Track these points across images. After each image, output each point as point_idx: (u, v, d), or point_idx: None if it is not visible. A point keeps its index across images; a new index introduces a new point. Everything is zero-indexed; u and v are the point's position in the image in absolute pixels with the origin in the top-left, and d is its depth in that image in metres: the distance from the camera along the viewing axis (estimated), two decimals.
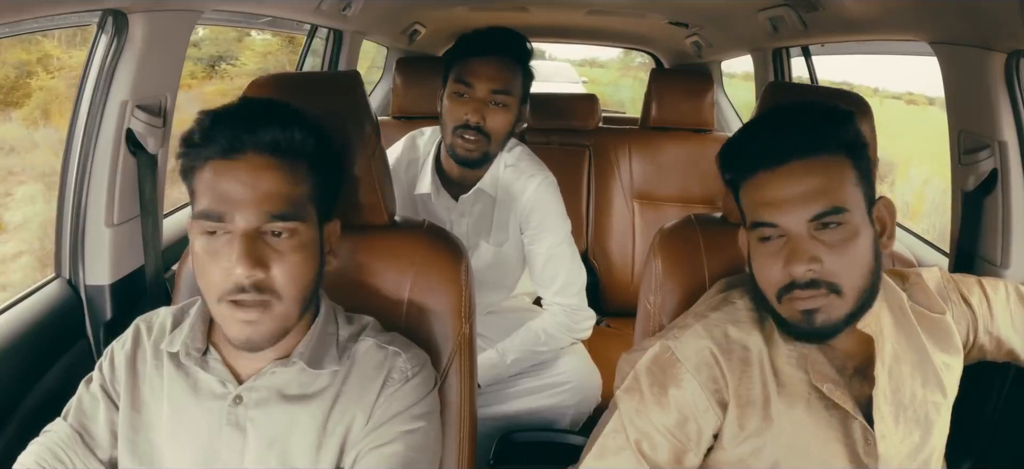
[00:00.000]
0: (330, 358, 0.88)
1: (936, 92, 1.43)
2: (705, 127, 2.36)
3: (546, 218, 1.56)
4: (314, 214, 0.85)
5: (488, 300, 1.67)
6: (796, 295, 0.83)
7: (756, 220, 0.86)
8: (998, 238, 1.29)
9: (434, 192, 1.57)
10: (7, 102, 4.25)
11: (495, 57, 1.46)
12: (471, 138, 1.46)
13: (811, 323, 0.84)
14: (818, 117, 0.85)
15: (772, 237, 0.85)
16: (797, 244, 0.83)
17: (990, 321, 0.99)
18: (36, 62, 4.30)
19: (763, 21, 2.06)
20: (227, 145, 0.79)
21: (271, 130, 0.80)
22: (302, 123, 0.83)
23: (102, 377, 0.91)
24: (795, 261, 0.82)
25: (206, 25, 2.12)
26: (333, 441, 0.85)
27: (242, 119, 0.80)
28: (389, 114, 2.43)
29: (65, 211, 1.33)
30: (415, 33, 3.01)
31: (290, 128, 0.81)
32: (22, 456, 0.86)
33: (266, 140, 0.79)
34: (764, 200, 0.85)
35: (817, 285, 0.82)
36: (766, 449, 0.87)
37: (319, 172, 0.85)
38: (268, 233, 0.79)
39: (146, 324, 0.94)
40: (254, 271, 0.78)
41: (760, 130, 0.89)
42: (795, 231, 0.83)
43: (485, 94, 1.45)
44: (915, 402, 0.90)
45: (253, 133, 0.79)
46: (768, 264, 0.85)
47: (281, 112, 0.82)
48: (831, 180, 0.83)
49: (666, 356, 0.90)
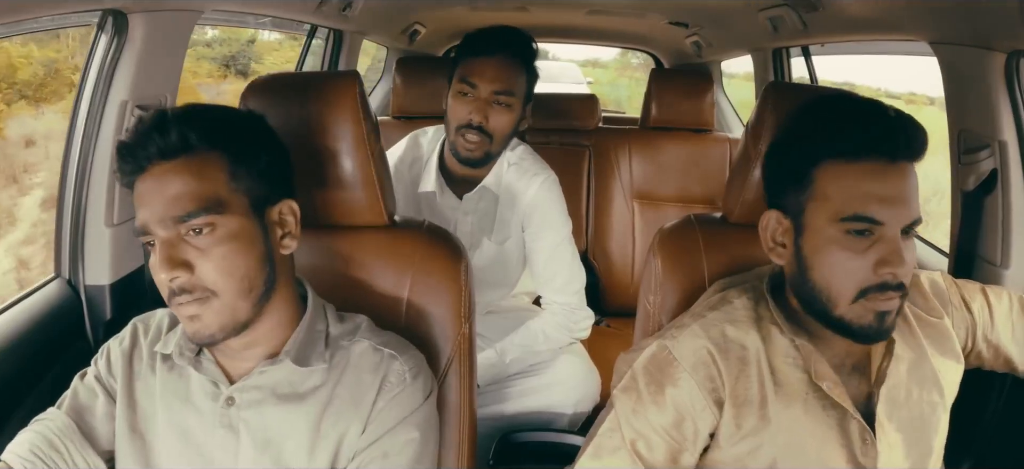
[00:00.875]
0: (317, 355, 0.88)
1: (936, 92, 1.43)
2: (705, 127, 2.36)
3: (548, 217, 1.56)
4: (243, 202, 0.82)
5: (488, 298, 1.67)
6: (880, 296, 0.80)
7: (857, 212, 0.79)
8: (998, 238, 1.29)
9: (438, 190, 1.57)
10: (37, 98, 4.33)
11: (499, 57, 1.46)
12: (473, 138, 1.46)
13: (883, 324, 0.82)
14: (918, 125, 0.82)
15: (868, 233, 0.80)
16: (895, 246, 0.80)
17: (990, 328, 0.98)
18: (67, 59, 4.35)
19: (763, 21, 2.06)
20: (133, 166, 0.80)
21: (157, 137, 0.79)
22: (198, 118, 0.82)
23: (98, 371, 0.91)
24: (896, 264, 0.79)
25: (206, 25, 2.12)
26: (327, 444, 0.85)
27: (137, 137, 0.80)
28: (389, 114, 2.43)
29: (65, 211, 1.33)
30: (415, 33, 3.01)
31: (179, 127, 0.80)
32: (13, 444, 0.85)
33: (158, 148, 0.79)
34: (876, 193, 0.79)
35: (903, 288, 0.81)
36: (763, 448, 0.87)
37: (239, 159, 0.83)
38: (188, 234, 0.79)
39: (143, 324, 0.94)
40: (175, 274, 0.78)
41: (876, 116, 0.81)
42: (893, 234, 0.80)
43: (488, 94, 1.45)
44: (910, 401, 0.90)
45: (145, 147, 0.79)
46: (856, 261, 0.80)
47: (175, 115, 0.81)
48: (917, 188, 0.82)
49: (663, 355, 0.89)
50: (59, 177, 1.33)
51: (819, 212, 0.83)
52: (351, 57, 2.68)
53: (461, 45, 1.51)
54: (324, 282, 0.99)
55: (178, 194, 0.78)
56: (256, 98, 1.02)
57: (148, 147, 0.79)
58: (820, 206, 0.82)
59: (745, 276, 1.00)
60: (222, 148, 0.82)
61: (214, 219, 0.80)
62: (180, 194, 0.78)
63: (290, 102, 1.01)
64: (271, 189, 0.86)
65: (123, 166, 0.81)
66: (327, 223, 1.06)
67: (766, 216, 0.90)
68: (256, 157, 0.85)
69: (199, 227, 0.79)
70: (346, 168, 1.02)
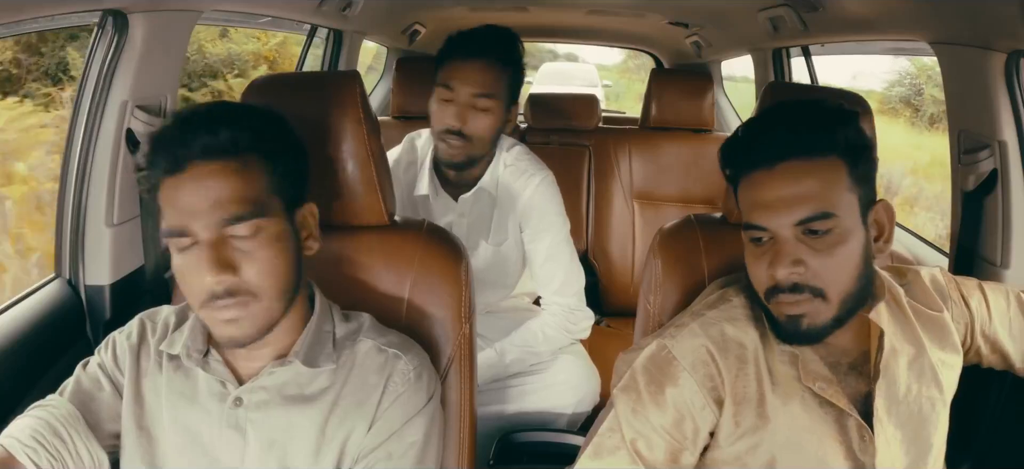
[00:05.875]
0: (326, 356, 0.88)
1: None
2: (705, 127, 2.35)
3: (545, 217, 1.56)
4: (279, 205, 0.83)
5: (487, 299, 1.67)
6: (781, 299, 0.84)
7: (747, 221, 0.87)
8: (998, 238, 1.29)
9: (433, 193, 1.57)
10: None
11: (478, 60, 1.44)
12: (454, 142, 1.45)
13: (797, 327, 0.85)
14: (817, 117, 0.85)
15: (762, 239, 0.86)
16: (781, 247, 0.83)
17: (988, 324, 0.99)
18: None
19: (763, 21, 2.06)
20: (171, 163, 0.78)
21: (205, 136, 0.78)
22: (244, 118, 0.82)
23: (102, 361, 0.90)
24: (778, 264, 0.83)
25: (206, 25, 2.12)
26: (333, 445, 0.85)
27: (179, 133, 0.79)
28: (389, 114, 2.43)
29: (65, 211, 1.33)
30: (415, 33, 3.01)
31: (229, 127, 0.79)
32: (12, 429, 0.83)
33: (205, 147, 0.78)
34: (756, 201, 0.85)
35: (800, 290, 0.83)
36: (762, 446, 0.87)
37: (276, 161, 0.83)
38: (232, 236, 0.79)
39: (150, 320, 0.93)
40: (223, 277, 0.78)
41: (759, 128, 0.89)
42: (781, 234, 0.83)
43: (466, 98, 1.43)
44: (909, 397, 0.90)
45: (188, 145, 0.78)
46: (756, 265, 0.87)
47: (220, 113, 0.81)
48: (822, 183, 0.82)
49: (663, 355, 0.90)
50: (59, 177, 1.34)
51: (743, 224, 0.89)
52: (351, 57, 2.68)
53: (442, 48, 1.49)
54: (325, 282, 0.99)
55: (223, 196, 0.78)
56: (256, 98, 1.02)
57: (192, 145, 0.78)
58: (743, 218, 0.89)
59: (744, 275, 1.00)
60: (263, 150, 0.82)
61: (260, 222, 0.80)
62: (228, 196, 0.78)
63: (290, 102, 1.01)
64: (300, 191, 0.88)
65: (157, 161, 0.79)
66: (327, 223, 1.06)
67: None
68: (289, 160, 0.85)
69: (244, 231, 0.79)
70: (347, 168, 1.02)
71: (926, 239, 1.77)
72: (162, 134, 0.80)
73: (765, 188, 0.84)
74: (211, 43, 6.87)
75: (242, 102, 0.86)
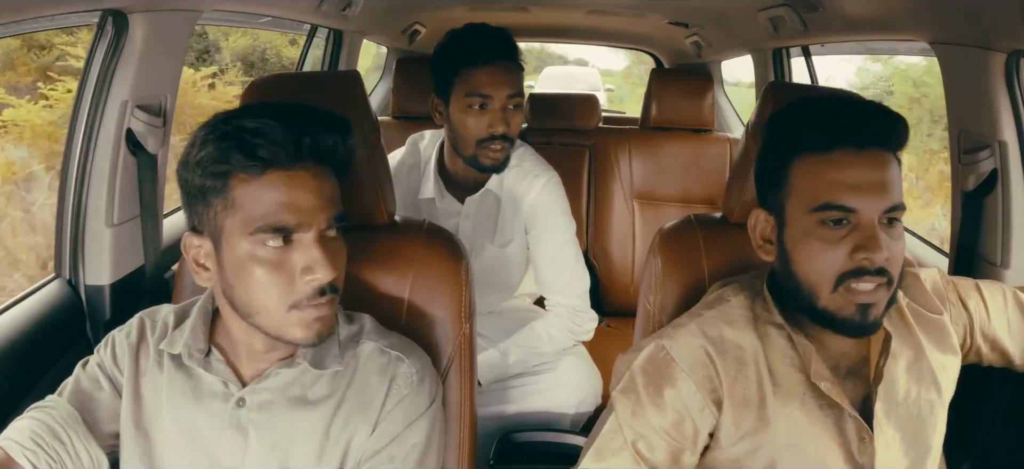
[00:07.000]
0: (332, 357, 0.88)
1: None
2: (705, 127, 2.36)
3: (551, 219, 1.55)
4: None
5: (490, 300, 1.67)
6: (861, 284, 0.81)
7: (828, 201, 0.82)
8: (998, 238, 1.29)
9: (438, 195, 1.57)
10: None
11: (505, 62, 1.47)
12: (498, 147, 1.47)
13: (865, 317, 0.82)
14: (891, 113, 0.85)
15: (843, 221, 0.82)
16: (872, 232, 0.81)
17: (986, 323, 0.99)
18: None
19: (763, 21, 2.06)
20: (283, 157, 0.77)
21: (330, 136, 0.81)
22: (340, 126, 0.83)
23: (101, 360, 0.90)
24: (872, 249, 0.80)
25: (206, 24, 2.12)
26: (336, 448, 0.85)
27: (302, 128, 0.78)
28: (389, 114, 2.43)
29: (65, 211, 1.33)
30: (415, 33, 3.01)
31: (344, 134, 0.82)
32: (11, 431, 0.82)
33: (315, 147, 0.79)
34: (841, 182, 0.82)
35: (884, 274, 0.81)
36: (762, 449, 0.87)
37: (344, 171, 0.87)
38: (327, 236, 0.82)
39: (150, 319, 0.93)
40: (334, 273, 0.80)
41: (843, 109, 0.85)
42: (868, 219, 0.81)
43: (503, 101, 1.46)
44: (908, 400, 0.90)
45: (299, 144, 0.78)
46: (830, 250, 0.82)
47: (322, 117, 0.82)
48: (897, 176, 0.83)
49: (661, 356, 0.89)
50: (59, 177, 1.34)
51: (796, 206, 0.86)
52: (351, 57, 2.68)
53: (456, 56, 1.47)
54: None
55: (332, 195, 0.82)
56: (257, 98, 1.02)
57: (318, 145, 0.79)
58: (797, 201, 0.85)
59: (744, 276, 1.00)
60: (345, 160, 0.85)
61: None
62: (330, 196, 0.81)
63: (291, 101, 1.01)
64: None
65: (262, 153, 0.76)
66: None
67: (754, 215, 0.93)
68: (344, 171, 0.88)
69: (335, 231, 0.83)
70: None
71: (926, 239, 1.77)
72: (266, 129, 0.76)
73: (855, 169, 0.82)
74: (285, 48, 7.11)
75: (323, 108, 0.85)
